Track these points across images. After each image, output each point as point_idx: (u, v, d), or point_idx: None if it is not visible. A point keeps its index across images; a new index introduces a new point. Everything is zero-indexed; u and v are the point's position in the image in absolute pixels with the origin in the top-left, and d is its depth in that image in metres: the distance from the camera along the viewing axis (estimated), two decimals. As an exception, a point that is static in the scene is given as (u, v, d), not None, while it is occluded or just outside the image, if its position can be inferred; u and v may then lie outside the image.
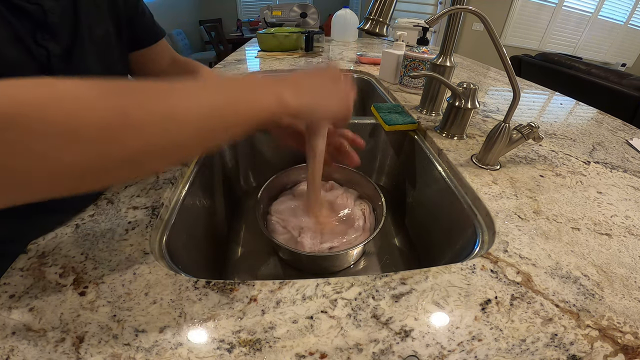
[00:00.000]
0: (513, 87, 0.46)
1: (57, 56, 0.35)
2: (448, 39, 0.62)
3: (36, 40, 0.32)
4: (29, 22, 0.31)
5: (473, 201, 0.46)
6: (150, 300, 0.29)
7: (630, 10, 3.95)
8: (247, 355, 0.25)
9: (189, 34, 4.52)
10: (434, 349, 0.26)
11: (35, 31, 0.32)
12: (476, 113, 0.74)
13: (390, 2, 0.45)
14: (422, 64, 0.82)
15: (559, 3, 3.72)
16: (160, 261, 0.34)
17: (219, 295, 0.30)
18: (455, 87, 0.58)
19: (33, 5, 0.31)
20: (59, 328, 0.26)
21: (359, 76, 1.12)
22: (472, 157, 0.54)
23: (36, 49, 0.32)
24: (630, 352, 0.26)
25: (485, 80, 1.07)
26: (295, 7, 1.78)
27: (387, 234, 0.67)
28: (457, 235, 0.48)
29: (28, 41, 0.31)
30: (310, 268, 0.57)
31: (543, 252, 0.36)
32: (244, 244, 0.63)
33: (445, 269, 0.33)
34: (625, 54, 4.24)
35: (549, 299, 0.30)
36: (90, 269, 0.32)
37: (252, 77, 0.30)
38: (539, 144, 0.61)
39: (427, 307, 0.29)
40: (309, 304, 0.29)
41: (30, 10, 0.31)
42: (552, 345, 0.26)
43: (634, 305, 0.30)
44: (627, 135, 0.69)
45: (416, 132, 0.69)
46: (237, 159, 0.73)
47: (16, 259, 0.33)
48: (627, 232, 0.39)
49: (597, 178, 0.51)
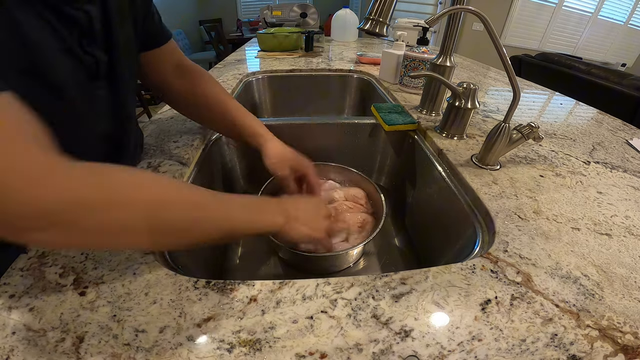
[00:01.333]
0: (513, 87, 0.46)
1: (104, 63, 0.34)
2: (448, 39, 0.62)
3: (83, 48, 0.32)
4: (76, 30, 0.30)
5: (473, 201, 0.46)
6: (150, 300, 0.29)
7: (630, 10, 3.94)
8: (247, 355, 0.25)
9: (189, 34, 4.52)
10: (434, 349, 0.26)
11: (81, 39, 0.31)
12: (476, 113, 0.74)
13: (390, 2, 0.45)
14: (422, 64, 0.82)
15: (559, 3, 3.71)
16: (160, 261, 0.34)
17: (219, 295, 0.30)
18: (455, 87, 0.58)
19: (79, 12, 0.30)
20: (59, 328, 0.26)
21: (359, 76, 1.12)
22: (472, 157, 0.54)
23: (85, 57, 0.32)
24: (630, 352, 0.26)
25: (485, 80, 1.07)
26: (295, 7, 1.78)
27: (387, 234, 0.67)
28: (457, 235, 0.48)
29: (77, 50, 0.31)
30: (310, 268, 0.57)
31: (543, 252, 0.36)
32: (244, 244, 0.63)
33: (445, 269, 0.33)
34: (625, 54, 4.24)
35: (549, 299, 0.30)
36: (90, 269, 0.32)
37: (265, 201, 0.39)
38: (539, 144, 0.61)
39: (427, 307, 0.29)
40: (309, 304, 0.29)
41: (78, 18, 0.30)
42: (552, 345, 0.26)
43: (634, 305, 0.30)
44: (627, 135, 0.69)
45: (416, 132, 0.68)
46: (237, 159, 0.73)
47: (16, 259, 0.33)
48: (627, 232, 0.39)
49: (597, 178, 0.51)
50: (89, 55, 0.32)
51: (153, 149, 0.54)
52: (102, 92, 0.36)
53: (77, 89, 0.31)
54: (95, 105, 0.35)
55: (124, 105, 0.40)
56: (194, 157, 0.56)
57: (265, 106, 1.12)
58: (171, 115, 0.67)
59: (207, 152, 0.60)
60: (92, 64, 0.33)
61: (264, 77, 1.08)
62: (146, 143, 0.56)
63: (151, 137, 0.58)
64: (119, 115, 0.39)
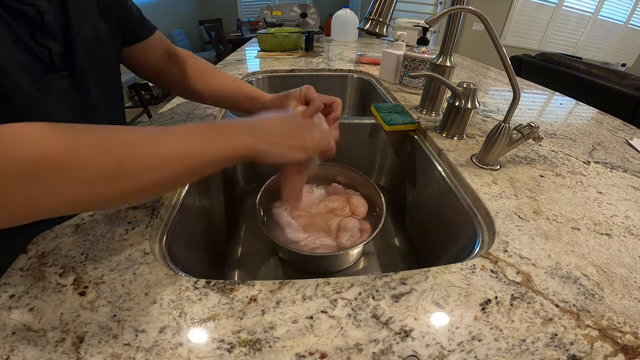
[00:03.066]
0: (513, 87, 0.46)
1: (58, 54, 0.35)
2: (448, 39, 0.62)
3: (36, 40, 0.33)
4: (26, 24, 0.31)
5: (473, 201, 0.46)
6: (150, 300, 0.29)
7: (630, 10, 3.94)
8: (247, 355, 0.25)
9: (189, 34, 4.52)
10: (434, 349, 0.26)
11: (34, 32, 0.32)
12: (476, 113, 0.74)
13: (390, 2, 0.45)
14: (422, 64, 0.82)
15: (559, 3, 3.71)
16: (160, 261, 0.34)
17: (219, 295, 0.30)
18: (455, 87, 0.58)
19: (28, 7, 0.31)
20: (59, 328, 0.26)
21: (359, 76, 1.12)
22: (472, 157, 0.54)
23: (38, 49, 0.33)
24: (630, 352, 0.26)
25: (485, 80, 1.07)
26: (295, 7, 1.78)
27: (387, 234, 0.67)
28: (457, 235, 0.48)
29: (29, 42, 0.32)
30: (310, 268, 0.57)
31: (543, 252, 0.36)
32: (244, 244, 0.63)
33: (445, 269, 0.33)
34: (625, 54, 4.24)
35: (549, 299, 0.30)
36: (90, 269, 0.32)
37: (224, 123, 0.35)
38: (539, 144, 0.61)
39: (427, 307, 0.29)
40: (309, 304, 0.29)
41: (26, 12, 0.31)
42: (552, 345, 0.26)
43: (634, 305, 0.30)
44: (627, 135, 0.69)
45: (416, 132, 0.68)
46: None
47: (16, 259, 0.33)
48: (627, 232, 0.39)
49: (597, 178, 0.51)
50: (42, 46, 0.33)
51: (153, 149, 0.54)
52: (61, 83, 0.37)
53: (30, 78, 0.32)
54: (50, 94, 0.36)
55: (88, 95, 0.41)
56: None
57: (265, 106, 1.12)
58: (171, 116, 0.67)
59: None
60: (46, 55, 0.34)
61: (264, 77, 1.08)
62: (146, 143, 0.56)
63: (151, 137, 0.58)
64: (82, 105, 0.40)
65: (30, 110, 0.33)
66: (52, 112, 0.36)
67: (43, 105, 0.34)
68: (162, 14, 3.90)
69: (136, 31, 0.50)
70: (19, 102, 0.31)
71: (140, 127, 0.29)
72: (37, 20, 0.32)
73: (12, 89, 0.30)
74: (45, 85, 0.35)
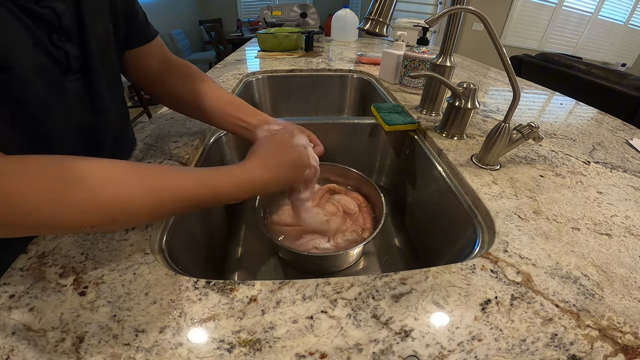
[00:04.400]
0: (513, 87, 0.46)
1: (75, 57, 0.35)
2: (448, 39, 0.62)
3: (54, 43, 0.32)
4: (45, 26, 0.31)
5: (473, 201, 0.46)
6: (150, 300, 0.29)
7: (630, 10, 3.94)
8: (247, 355, 0.25)
9: (189, 34, 4.52)
10: (434, 349, 0.26)
11: (51, 34, 0.32)
12: (476, 113, 0.74)
13: (390, 2, 0.45)
14: (422, 64, 0.82)
15: (559, 3, 3.71)
16: (160, 261, 0.34)
17: (219, 295, 0.30)
18: (455, 87, 0.58)
19: (45, 9, 0.31)
20: (59, 328, 0.26)
21: (359, 76, 1.12)
22: (472, 157, 0.54)
23: (56, 52, 0.33)
24: (630, 352, 0.26)
25: (485, 80, 1.07)
26: (295, 7, 1.78)
27: (387, 234, 0.67)
28: (457, 235, 0.48)
29: (47, 45, 0.32)
30: (310, 268, 0.57)
31: (543, 252, 0.36)
32: (244, 244, 0.63)
33: (445, 269, 0.33)
34: (625, 54, 4.24)
35: (549, 299, 0.30)
36: (90, 269, 0.32)
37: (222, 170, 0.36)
38: (539, 144, 0.61)
39: (427, 307, 0.29)
40: (309, 304, 0.29)
41: (44, 14, 0.31)
42: (552, 345, 0.26)
43: (634, 305, 0.30)
44: (627, 135, 0.69)
45: (416, 132, 0.69)
46: (237, 159, 0.73)
47: (16, 259, 0.33)
48: (627, 232, 0.39)
49: (597, 178, 0.51)
50: (59, 49, 0.33)
51: (153, 149, 0.54)
52: (75, 85, 0.37)
53: (46, 81, 0.32)
54: (65, 96, 0.36)
55: (97, 97, 0.41)
56: (194, 157, 0.56)
57: (265, 106, 1.13)
58: (171, 116, 0.67)
59: (207, 153, 0.60)
60: (63, 58, 0.34)
61: (264, 77, 1.08)
62: (146, 143, 0.56)
63: (151, 137, 0.58)
64: (92, 107, 0.40)
65: (43, 113, 0.33)
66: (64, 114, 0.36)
67: (56, 107, 0.34)
68: (162, 14, 3.90)
69: (138, 35, 0.49)
70: (33, 106, 0.31)
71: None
72: (55, 23, 0.32)
73: (28, 94, 0.30)
74: (61, 87, 0.35)
